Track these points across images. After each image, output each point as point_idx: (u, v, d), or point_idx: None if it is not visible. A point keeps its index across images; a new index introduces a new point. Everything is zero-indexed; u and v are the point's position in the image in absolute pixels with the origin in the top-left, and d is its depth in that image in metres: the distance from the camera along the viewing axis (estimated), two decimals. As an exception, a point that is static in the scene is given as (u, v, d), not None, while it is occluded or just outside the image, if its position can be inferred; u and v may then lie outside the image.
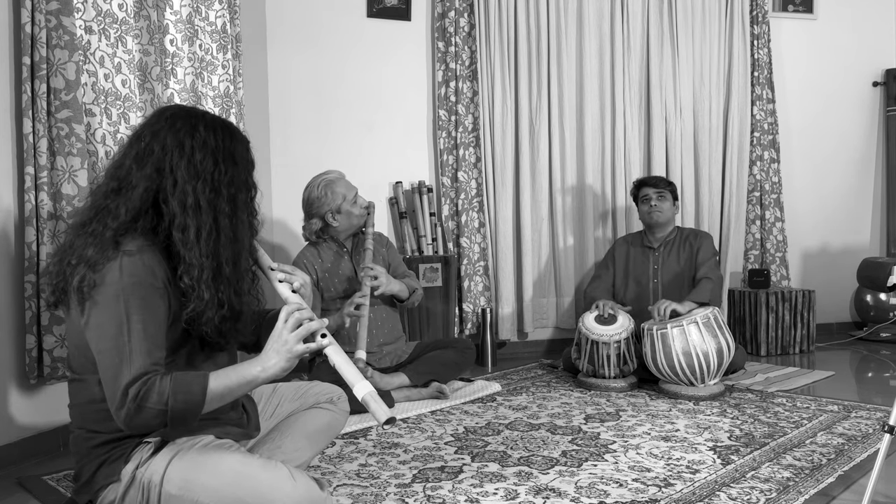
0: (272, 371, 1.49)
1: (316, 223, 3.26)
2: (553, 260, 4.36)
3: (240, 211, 1.58)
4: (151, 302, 1.46)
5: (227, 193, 1.55)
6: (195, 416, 1.45)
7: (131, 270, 1.44)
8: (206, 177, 1.52)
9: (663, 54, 4.46)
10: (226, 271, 1.54)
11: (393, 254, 3.45)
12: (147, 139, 1.54)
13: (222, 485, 1.47)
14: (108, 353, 1.42)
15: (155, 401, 1.39)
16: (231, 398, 1.51)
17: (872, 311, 4.69)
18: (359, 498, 2.07)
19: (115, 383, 1.40)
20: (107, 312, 1.43)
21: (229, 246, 1.55)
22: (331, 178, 3.26)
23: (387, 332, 3.31)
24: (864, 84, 5.05)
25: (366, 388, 1.50)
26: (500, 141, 4.19)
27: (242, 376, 1.49)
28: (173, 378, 1.42)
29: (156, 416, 1.40)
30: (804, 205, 4.92)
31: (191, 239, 1.50)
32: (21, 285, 2.44)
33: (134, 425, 1.42)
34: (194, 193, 1.51)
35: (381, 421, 1.46)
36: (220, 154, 1.55)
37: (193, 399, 1.42)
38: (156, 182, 1.51)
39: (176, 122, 1.55)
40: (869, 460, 2.36)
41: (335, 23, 4.08)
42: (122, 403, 1.39)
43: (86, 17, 2.59)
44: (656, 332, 3.21)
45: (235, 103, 3.31)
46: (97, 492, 1.55)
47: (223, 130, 1.59)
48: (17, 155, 2.45)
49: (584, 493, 2.10)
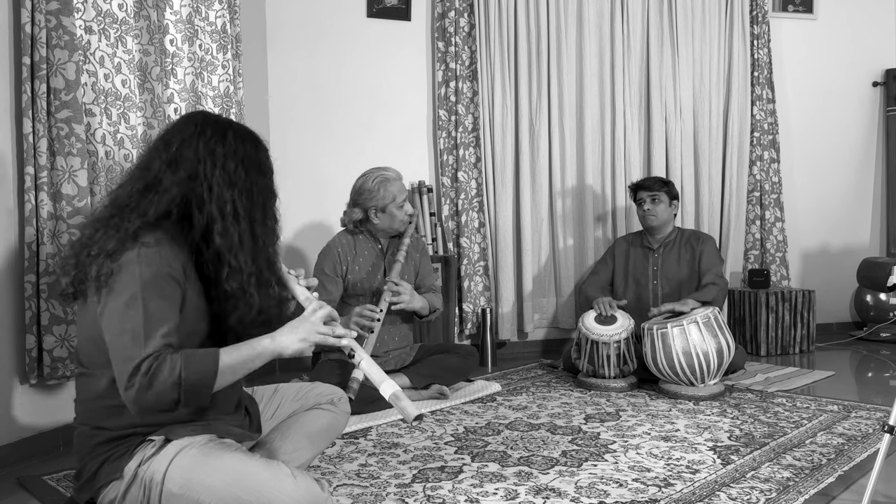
0: (281, 344, 1.52)
1: (357, 213, 3.20)
2: (553, 260, 4.36)
3: (268, 218, 1.64)
4: (167, 291, 1.48)
5: (260, 201, 1.61)
6: (209, 390, 1.46)
7: (149, 260, 1.47)
8: (241, 185, 1.58)
9: (663, 55, 4.46)
10: (265, 276, 1.60)
11: (426, 262, 3.41)
12: (177, 145, 1.58)
13: (224, 484, 1.47)
14: (122, 336, 1.43)
15: (167, 374, 1.40)
16: (243, 372, 1.52)
17: (872, 311, 4.69)
18: (359, 498, 2.07)
19: (126, 364, 1.41)
20: (122, 298, 1.45)
21: (264, 252, 1.61)
22: (388, 175, 3.20)
23: (397, 340, 3.28)
24: (864, 84, 5.05)
25: (392, 388, 1.55)
26: (500, 141, 4.19)
27: (252, 348, 1.52)
28: (184, 353, 1.44)
29: (169, 389, 1.40)
30: (804, 205, 4.92)
31: (235, 244, 1.55)
32: (21, 285, 2.44)
33: (145, 403, 1.41)
34: (232, 201, 1.56)
35: (412, 417, 1.52)
36: (250, 163, 1.61)
37: (206, 370, 1.44)
38: (188, 188, 1.55)
39: (206, 129, 1.60)
40: (869, 460, 2.36)
41: (335, 23, 4.08)
42: (133, 380, 1.40)
43: (86, 17, 2.59)
44: (656, 331, 3.21)
45: (235, 103, 3.31)
46: (99, 489, 1.55)
47: (249, 139, 1.65)
48: (17, 155, 2.45)
49: (584, 493, 2.10)
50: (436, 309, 3.32)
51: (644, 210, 3.74)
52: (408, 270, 3.29)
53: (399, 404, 1.53)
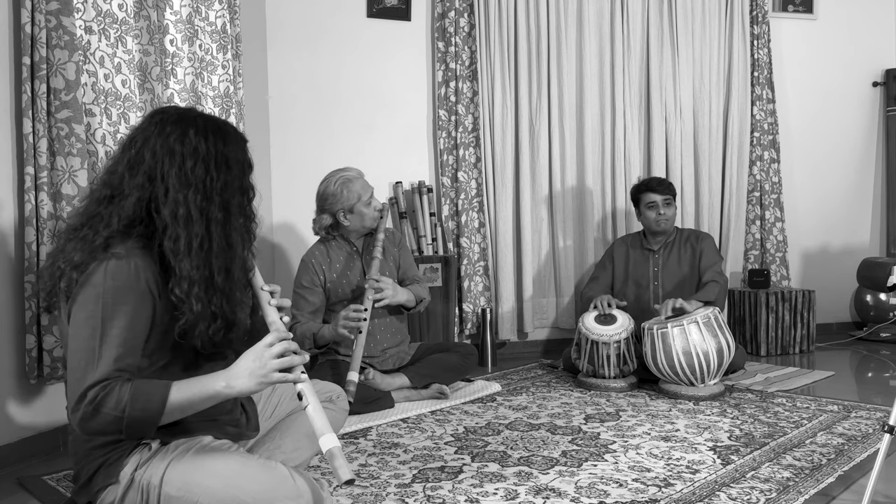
0: (237, 389, 1.44)
1: (326, 219, 3.18)
2: (553, 260, 4.36)
3: (233, 217, 1.54)
4: (133, 308, 1.43)
5: (220, 200, 1.52)
6: (153, 426, 1.41)
7: (115, 274, 1.42)
8: (198, 184, 1.49)
9: (663, 55, 4.46)
10: (218, 281, 1.50)
11: (405, 255, 3.37)
12: (138, 145, 1.52)
13: (222, 486, 1.46)
14: (77, 355, 1.40)
15: (112, 406, 1.37)
16: (192, 411, 1.46)
17: (872, 311, 4.69)
18: (359, 498, 2.07)
19: (77, 385, 1.39)
20: (83, 313, 1.42)
21: (222, 255, 1.51)
22: (349, 175, 3.16)
23: (390, 337, 3.27)
24: (864, 84, 5.05)
25: (332, 442, 1.43)
26: (500, 141, 4.19)
27: (205, 390, 1.43)
28: (133, 385, 1.39)
29: (111, 422, 1.38)
30: (804, 205, 4.92)
31: (181, 250, 1.46)
32: (21, 285, 2.44)
33: (88, 430, 1.39)
34: (185, 203, 1.48)
35: (342, 480, 1.38)
36: (211, 160, 1.52)
37: (151, 408, 1.39)
38: (148, 191, 1.49)
39: (165, 127, 1.52)
40: (869, 460, 2.36)
41: (335, 23, 4.08)
42: (79, 406, 1.37)
43: (86, 17, 2.59)
44: (657, 331, 3.21)
45: (235, 103, 3.31)
46: (96, 493, 1.55)
47: (215, 134, 1.54)
48: (17, 155, 2.45)
49: (584, 493, 2.10)
50: (422, 299, 3.28)
51: (657, 214, 3.69)
52: (387, 266, 3.26)
53: (333, 463, 1.41)
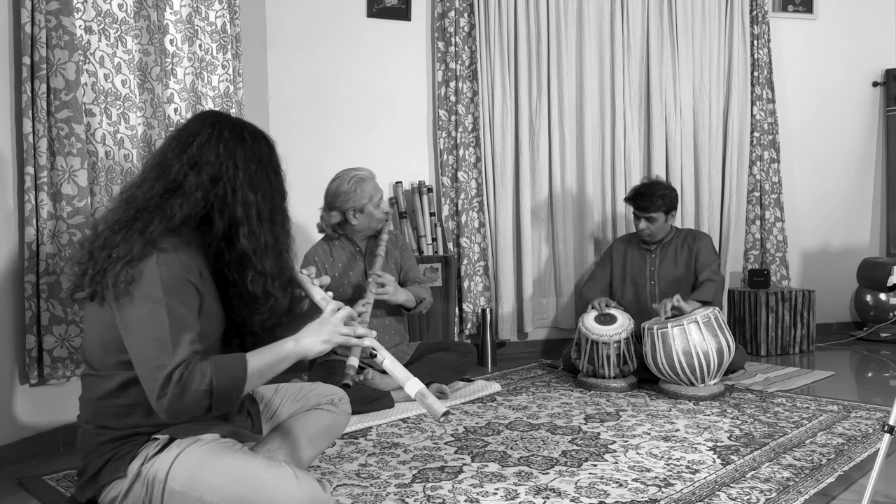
0: (305, 345, 1.55)
1: (335, 216, 3.19)
2: (553, 260, 4.36)
3: (286, 219, 1.67)
4: (187, 297, 1.49)
5: (278, 202, 1.64)
6: (239, 394, 1.49)
7: (168, 266, 1.47)
8: (263, 188, 1.61)
9: (663, 55, 4.46)
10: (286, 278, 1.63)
11: (407, 256, 3.39)
12: (196, 146, 1.58)
13: (226, 483, 1.48)
14: (148, 346, 1.43)
15: (198, 382, 1.42)
16: (270, 374, 1.54)
17: (872, 311, 4.69)
18: (359, 498, 2.08)
19: (156, 373, 1.41)
20: (145, 307, 1.45)
21: (285, 252, 1.63)
22: (362, 175, 3.19)
23: (388, 338, 3.28)
24: (864, 84, 5.05)
25: (417, 386, 1.57)
26: (500, 141, 4.19)
27: (277, 352, 1.54)
28: (213, 360, 1.46)
29: (201, 397, 1.42)
30: (804, 205, 4.92)
31: (260, 247, 1.58)
32: (21, 285, 2.44)
33: (178, 411, 1.42)
34: (256, 204, 1.58)
35: (439, 414, 1.54)
36: (268, 164, 1.63)
37: (236, 376, 1.46)
38: (211, 190, 1.56)
39: (224, 131, 1.60)
40: (869, 460, 2.37)
41: (335, 23, 4.08)
42: (165, 390, 1.40)
43: (86, 17, 2.59)
44: (657, 331, 3.21)
45: (235, 103, 3.31)
46: (102, 487, 1.56)
47: (264, 140, 1.66)
48: (17, 155, 2.45)
49: (584, 493, 2.10)
50: (423, 299, 3.29)
51: (639, 229, 3.71)
52: (389, 267, 3.27)
53: (425, 402, 1.55)
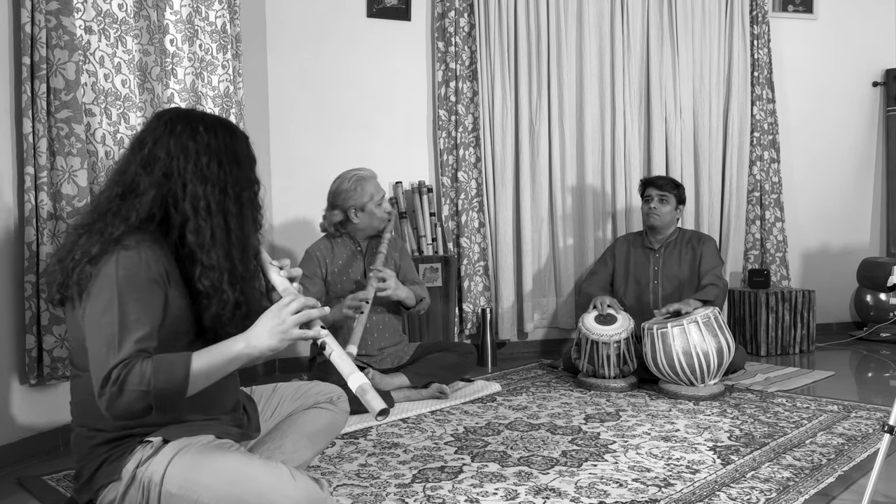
0: (258, 348, 1.46)
1: (337, 215, 3.24)
2: (553, 260, 4.36)
3: (245, 209, 1.61)
4: (146, 295, 1.46)
5: (234, 193, 1.58)
6: (181, 397, 1.42)
7: (126, 263, 1.46)
8: (213, 179, 1.56)
9: (663, 54, 4.46)
10: (239, 270, 1.57)
11: (405, 260, 3.42)
12: (150, 145, 1.56)
13: (223, 484, 1.46)
14: (97, 342, 1.42)
15: (136, 382, 1.37)
16: (217, 376, 1.48)
17: (872, 311, 4.69)
18: (359, 498, 2.07)
19: (98, 372, 1.40)
20: (100, 303, 1.44)
21: (239, 244, 1.58)
22: (363, 174, 3.24)
23: (388, 336, 3.29)
24: (864, 84, 5.05)
25: (360, 380, 1.47)
26: (500, 141, 4.19)
27: (225, 353, 1.46)
28: (154, 359, 1.40)
29: (138, 398, 1.38)
30: (804, 205, 4.92)
31: (206, 241, 1.53)
32: (21, 285, 2.44)
33: (117, 411, 1.39)
34: (205, 196, 1.54)
35: (376, 411, 1.43)
36: (223, 155, 1.58)
37: (175, 378, 1.40)
38: (164, 187, 1.54)
39: (176, 126, 1.57)
40: (869, 460, 2.36)
41: (335, 23, 4.08)
42: (104, 389, 1.38)
43: (86, 17, 2.59)
44: (657, 331, 3.21)
45: (235, 103, 3.31)
46: (98, 490, 1.55)
47: (223, 130, 1.61)
48: (17, 155, 2.45)
49: (584, 493, 2.10)
50: (422, 298, 3.31)
51: (649, 207, 3.73)
52: (389, 267, 3.27)
53: (364, 397, 1.46)
